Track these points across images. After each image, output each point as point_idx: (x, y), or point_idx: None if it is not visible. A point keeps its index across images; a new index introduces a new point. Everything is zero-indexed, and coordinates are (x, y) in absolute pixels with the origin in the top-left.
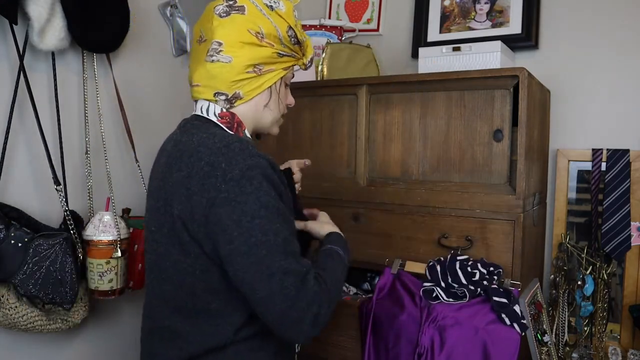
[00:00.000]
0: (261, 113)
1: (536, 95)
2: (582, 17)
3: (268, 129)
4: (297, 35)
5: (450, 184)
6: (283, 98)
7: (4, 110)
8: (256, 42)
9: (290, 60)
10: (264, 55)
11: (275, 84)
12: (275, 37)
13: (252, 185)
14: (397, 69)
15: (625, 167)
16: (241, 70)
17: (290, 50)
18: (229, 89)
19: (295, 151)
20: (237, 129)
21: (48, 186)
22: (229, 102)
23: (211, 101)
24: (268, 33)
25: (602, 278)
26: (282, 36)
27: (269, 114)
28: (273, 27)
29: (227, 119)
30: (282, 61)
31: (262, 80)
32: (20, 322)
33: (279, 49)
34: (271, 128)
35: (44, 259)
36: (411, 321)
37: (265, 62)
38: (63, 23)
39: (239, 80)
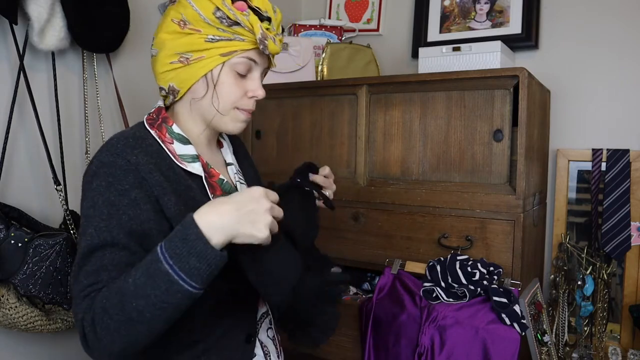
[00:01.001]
0: (202, 105)
1: (536, 95)
2: (582, 17)
3: (222, 125)
4: (229, 15)
5: (450, 184)
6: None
7: (4, 110)
8: (178, 31)
9: (231, 44)
10: (188, 42)
11: (211, 73)
12: (200, 22)
13: (95, 182)
14: (397, 69)
15: (625, 167)
16: (165, 61)
17: (229, 34)
18: (162, 82)
19: (295, 151)
20: (160, 124)
21: (48, 186)
22: (171, 97)
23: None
24: (191, 19)
25: (602, 278)
26: (209, 19)
27: (209, 107)
28: (194, 11)
29: (153, 115)
30: (217, 47)
31: (192, 69)
32: (20, 322)
33: (210, 34)
34: (224, 124)
35: (44, 259)
36: (411, 321)
37: (191, 50)
38: (63, 23)
39: (167, 71)
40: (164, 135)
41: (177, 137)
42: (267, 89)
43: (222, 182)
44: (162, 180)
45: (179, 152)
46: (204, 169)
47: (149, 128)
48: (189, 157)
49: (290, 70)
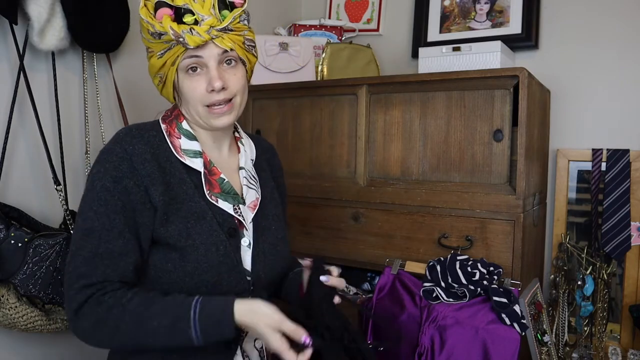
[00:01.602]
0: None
1: (536, 95)
2: (582, 17)
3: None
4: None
5: (450, 184)
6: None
7: (4, 110)
8: (148, 56)
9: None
10: (153, 64)
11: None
12: (149, 43)
13: (96, 168)
14: (397, 69)
15: (625, 167)
16: (155, 82)
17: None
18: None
19: (295, 151)
20: (172, 120)
21: (48, 186)
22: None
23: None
24: (146, 43)
25: (602, 278)
26: (149, 39)
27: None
28: (142, 36)
29: (168, 112)
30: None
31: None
32: (20, 322)
33: (158, 50)
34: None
35: (44, 259)
36: (411, 321)
37: (158, 71)
38: (63, 23)
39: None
40: (173, 130)
41: (185, 132)
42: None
43: (223, 181)
44: (154, 171)
45: (183, 147)
46: (205, 165)
47: (161, 122)
48: (192, 152)
49: (290, 70)
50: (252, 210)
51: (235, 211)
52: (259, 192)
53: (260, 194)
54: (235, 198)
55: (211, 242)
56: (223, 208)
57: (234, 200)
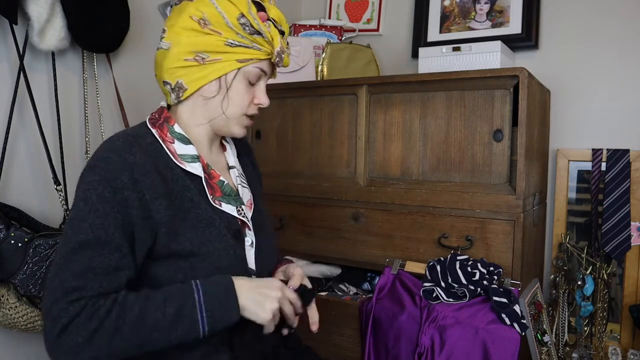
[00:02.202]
0: (209, 107)
1: (536, 95)
2: (582, 17)
3: (226, 129)
4: (253, 24)
5: (450, 184)
6: (242, 95)
7: (4, 110)
8: (197, 29)
9: (248, 52)
10: (207, 42)
11: (225, 77)
12: (222, 24)
13: (89, 176)
14: (397, 69)
15: (625, 167)
16: (179, 57)
17: (248, 41)
18: (170, 77)
19: (295, 151)
20: (162, 124)
21: (48, 186)
22: (175, 93)
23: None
24: (213, 20)
25: (602, 278)
26: (232, 23)
27: (217, 108)
28: (217, 12)
29: (156, 115)
30: (235, 52)
31: (206, 70)
32: (20, 322)
33: (229, 38)
34: (230, 128)
35: (44, 259)
36: (411, 321)
37: (209, 51)
38: (63, 23)
39: (178, 67)
40: (165, 134)
41: (178, 136)
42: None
43: (223, 183)
44: (157, 183)
45: (179, 152)
46: (204, 169)
47: (150, 127)
48: (189, 157)
49: (290, 70)
50: (250, 208)
51: (238, 212)
52: (249, 189)
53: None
54: (237, 199)
55: (222, 247)
56: (227, 211)
57: (236, 201)
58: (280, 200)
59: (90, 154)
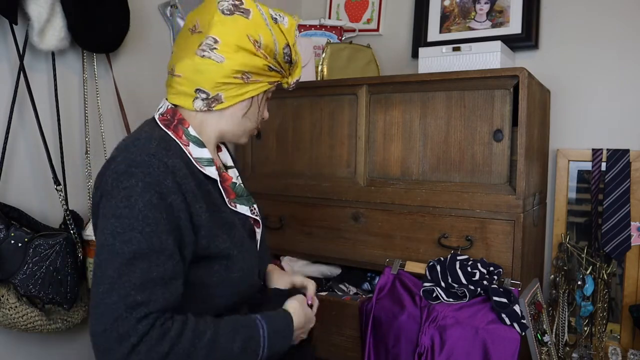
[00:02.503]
0: (237, 121)
1: (536, 95)
2: (582, 17)
3: (237, 139)
4: (292, 55)
5: (450, 184)
6: (261, 110)
7: (4, 110)
8: (252, 50)
9: (277, 76)
10: (255, 64)
11: (258, 96)
12: (271, 51)
13: (128, 181)
14: (397, 69)
15: (625, 167)
16: (230, 73)
17: (280, 67)
18: (212, 89)
19: (295, 151)
20: (177, 126)
21: (48, 186)
22: (207, 103)
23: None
24: (266, 44)
25: (602, 278)
26: (278, 52)
27: (244, 124)
28: (272, 39)
29: (167, 116)
30: (270, 75)
31: (246, 88)
32: (20, 322)
33: (271, 63)
34: (241, 137)
35: (44, 259)
36: (411, 321)
37: (254, 72)
38: (63, 23)
39: (225, 83)
40: (180, 136)
41: (194, 139)
42: None
43: (235, 185)
44: (194, 186)
45: (195, 155)
46: (218, 172)
47: (164, 129)
48: (205, 160)
49: None
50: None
51: (252, 212)
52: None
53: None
54: (249, 199)
55: (245, 248)
56: (242, 212)
57: (248, 201)
58: (280, 200)
59: (91, 154)
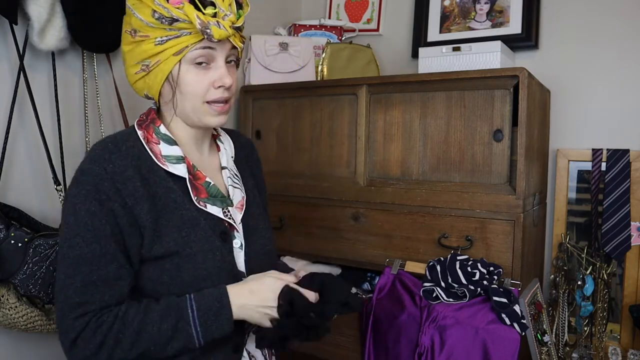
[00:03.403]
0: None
1: (536, 95)
2: (582, 17)
3: (199, 122)
4: (165, 15)
5: (450, 184)
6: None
7: (4, 110)
8: (131, 40)
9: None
10: (142, 50)
11: (171, 75)
12: (145, 27)
13: (74, 189)
14: (397, 69)
15: (625, 167)
16: (132, 72)
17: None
18: (139, 92)
19: (295, 151)
20: (148, 125)
21: (48, 186)
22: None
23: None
24: (138, 26)
25: (602, 278)
26: (151, 22)
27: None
28: (137, 18)
29: (144, 116)
30: (168, 47)
31: (153, 75)
32: (20, 322)
33: (157, 36)
34: (201, 119)
35: (44, 259)
36: (411, 321)
37: (148, 57)
38: (63, 23)
39: (136, 81)
40: (151, 135)
41: (164, 137)
42: (267, 89)
43: (209, 185)
44: (137, 187)
45: (164, 153)
46: (189, 170)
47: (137, 129)
48: (174, 158)
49: (290, 70)
50: (240, 210)
51: (224, 214)
52: (244, 190)
53: (244, 193)
54: (223, 200)
55: (207, 248)
56: (212, 213)
57: (222, 203)
58: (280, 200)
59: None
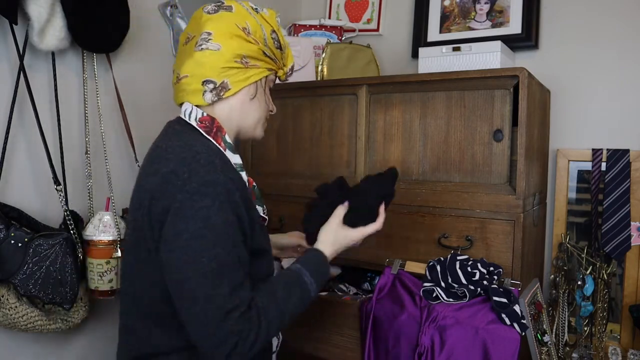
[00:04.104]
0: (248, 107)
1: (536, 95)
2: (582, 17)
3: (252, 130)
4: (280, 40)
5: (450, 184)
6: (266, 100)
7: (4, 110)
8: (243, 36)
9: (272, 64)
10: (250, 49)
11: (261, 81)
12: (260, 36)
13: (203, 201)
14: (397, 69)
15: (625, 167)
16: (230, 58)
17: (273, 54)
18: (217, 76)
19: (295, 151)
20: (216, 133)
21: (48, 186)
22: (216, 92)
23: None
24: (254, 30)
25: (602, 278)
26: (267, 36)
27: (255, 110)
28: (258, 25)
29: (207, 123)
30: (266, 61)
31: (249, 73)
32: (20, 322)
33: (263, 48)
34: (255, 129)
35: (44, 259)
36: (411, 321)
37: (251, 56)
38: (63, 23)
39: (228, 67)
40: (220, 144)
41: (229, 146)
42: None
43: (254, 188)
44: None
45: (233, 161)
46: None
47: (208, 136)
48: (239, 165)
49: None
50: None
51: (263, 212)
52: None
53: None
54: (262, 200)
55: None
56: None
57: (261, 202)
58: (280, 200)
59: (91, 154)
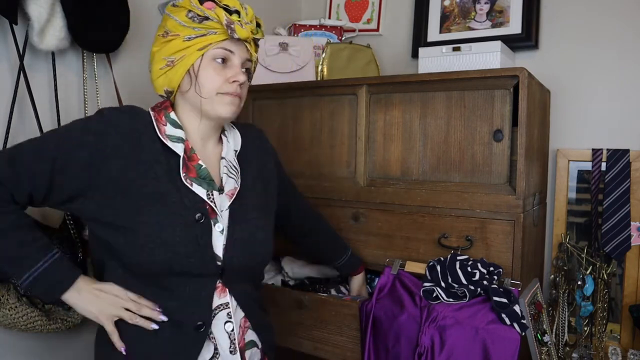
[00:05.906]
0: (190, 97)
1: (536, 95)
2: (582, 17)
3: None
4: (198, 13)
5: (450, 184)
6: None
7: (4, 110)
8: (162, 41)
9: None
10: (170, 47)
11: (192, 67)
12: (178, 27)
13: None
14: (397, 69)
15: (625, 167)
16: (156, 68)
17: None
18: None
19: (295, 151)
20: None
21: None
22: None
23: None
24: (171, 27)
25: (602, 278)
26: (184, 21)
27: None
28: (172, 19)
29: (158, 104)
30: (194, 44)
31: (177, 68)
32: (20, 322)
33: (186, 34)
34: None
35: None
36: (411, 321)
37: (174, 53)
38: (63, 23)
39: (159, 77)
40: (161, 117)
41: (171, 121)
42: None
43: (200, 167)
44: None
45: (167, 132)
46: (186, 151)
47: (150, 110)
48: (175, 137)
49: (290, 70)
50: (230, 198)
51: (208, 197)
52: (239, 182)
53: (239, 184)
54: (210, 184)
55: (168, 222)
56: (196, 192)
57: (209, 186)
58: None
59: None
